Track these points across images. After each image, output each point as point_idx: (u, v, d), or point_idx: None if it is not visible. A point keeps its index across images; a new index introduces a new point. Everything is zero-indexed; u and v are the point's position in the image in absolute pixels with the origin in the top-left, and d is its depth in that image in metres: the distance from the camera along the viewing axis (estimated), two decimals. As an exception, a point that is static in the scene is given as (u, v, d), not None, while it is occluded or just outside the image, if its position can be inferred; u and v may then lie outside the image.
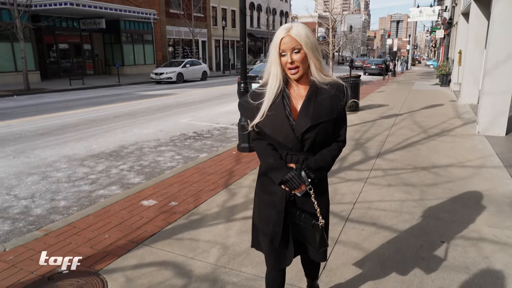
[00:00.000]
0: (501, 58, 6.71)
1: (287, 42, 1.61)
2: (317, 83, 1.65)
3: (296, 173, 1.66)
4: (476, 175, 4.84)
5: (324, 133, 1.67)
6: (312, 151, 1.71)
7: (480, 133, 7.17)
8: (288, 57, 1.61)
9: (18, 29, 15.78)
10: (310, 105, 1.64)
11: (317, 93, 1.65)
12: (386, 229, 3.36)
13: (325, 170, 1.74)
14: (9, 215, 3.95)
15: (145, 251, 3.00)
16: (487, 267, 2.76)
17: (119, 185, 4.85)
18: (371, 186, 4.44)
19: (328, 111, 1.64)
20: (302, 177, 1.66)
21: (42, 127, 8.54)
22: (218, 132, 8.17)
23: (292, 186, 1.68)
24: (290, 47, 1.60)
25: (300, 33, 1.60)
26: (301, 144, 1.67)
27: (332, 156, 1.73)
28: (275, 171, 1.70)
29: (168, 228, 3.41)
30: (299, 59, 1.61)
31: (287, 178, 1.66)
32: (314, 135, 1.65)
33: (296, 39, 1.60)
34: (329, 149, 1.73)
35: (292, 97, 1.70)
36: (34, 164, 5.76)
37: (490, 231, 3.30)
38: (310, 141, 1.66)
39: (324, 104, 1.64)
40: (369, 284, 2.56)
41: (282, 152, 1.73)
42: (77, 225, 3.47)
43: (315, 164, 1.68)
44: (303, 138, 1.65)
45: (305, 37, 1.60)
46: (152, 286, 2.55)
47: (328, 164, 1.73)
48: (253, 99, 1.72)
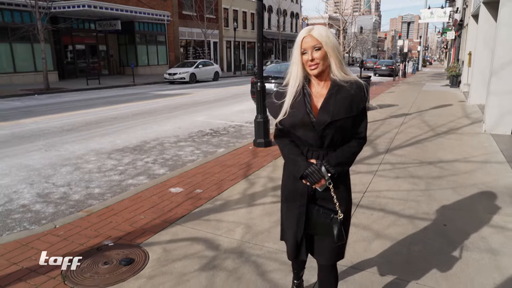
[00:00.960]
0: (507, 59, 6.97)
1: (308, 41, 1.69)
2: (338, 81, 1.72)
3: (316, 168, 1.72)
4: (479, 169, 5.13)
5: (344, 129, 1.73)
6: (333, 147, 1.77)
7: (487, 131, 7.43)
8: (308, 55, 1.69)
9: (39, 30, 16.41)
10: (330, 102, 1.71)
11: (337, 91, 1.71)
12: (393, 214, 3.69)
13: (345, 165, 1.78)
14: (51, 199, 4.38)
15: (178, 229, 3.39)
16: (484, 246, 3.08)
17: (146, 175, 5.26)
18: (380, 178, 4.77)
19: (347, 108, 1.70)
20: (322, 172, 1.72)
21: (67, 124, 9.03)
22: (233, 130, 8.56)
23: (312, 180, 1.74)
24: (311, 46, 1.68)
25: (321, 33, 1.68)
26: (321, 140, 1.74)
27: (352, 152, 1.78)
28: (296, 166, 1.77)
29: (196, 211, 3.80)
30: (319, 57, 1.68)
31: (307, 173, 1.73)
32: (333, 131, 1.71)
33: (317, 38, 1.68)
34: (349, 145, 1.78)
35: (313, 95, 1.77)
36: (65, 156, 6.21)
37: (489, 217, 3.62)
38: (329, 137, 1.73)
39: (344, 101, 1.70)
40: (377, 257, 2.90)
41: (303, 148, 1.80)
42: (114, 207, 3.88)
43: (335, 160, 1.74)
44: (323, 134, 1.72)
45: (326, 37, 1.68)
46: (186, 256, 2.93)
47: (348, 160, 1.78)
48: (276, 98, 1.82)
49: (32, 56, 20.52)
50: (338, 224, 1.73)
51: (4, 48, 19.30)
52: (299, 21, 53.06)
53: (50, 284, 2.57)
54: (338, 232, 1.74)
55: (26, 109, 11.59)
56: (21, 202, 4.29)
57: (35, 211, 4.06)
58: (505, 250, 3.01)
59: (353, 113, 1.71)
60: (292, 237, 1.89)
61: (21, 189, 4.71)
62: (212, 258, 2.90)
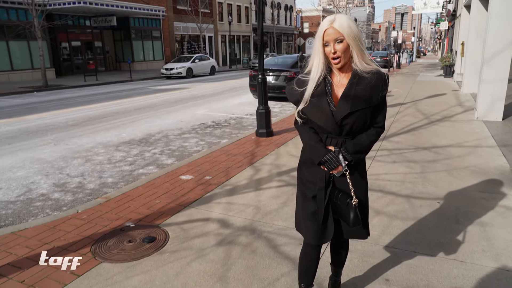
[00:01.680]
0: (497, 48, 7.25)
1: (330, 34, 1.70)
2: (359, 71, 1.75)
3: (334, 154, 1.79)
4: (472, 153, 5.43)
5: (362, 119, 1.77)
6: (351, 135, 1.81)
7: (479, 118, 7.73)
8: (331, 47, 1.71)
9: (36, 28, 16.48)
10: (351, 92, 1.74)
11: (358, 81, 1.74)
12: (391, 194, 3.98)
13: (362, 153, 1.83)
14: (68, 189, 4.63)
15: (192, 211, 3.66)
16: (474, 219, 3.37)
17: (155, 165, 5.51)
18: (378, 163, 5.05)
19: (367, 99, 1.73)
20: (339, 159, 1.78)
21: (71, 119, 9.23)
22: (234, 122, 8.81)
23: (330, 166, 1.80)
24: (333, 38, 1.70)
25: (342, 25, 1.69)
26: (340, 129, 1.78)
27: (370, 140, 1.82)
28: (315, 152, 1.84)
29: (207, 195, 4.06)
30: (341, 49, 1.70)
31: (325, 159, 1.80)
32: (353, 120, 1.76)
33: (339, 30, 1.69)
34: (368, 133, 1.82)
35: (334, 85, 1.81)
36: (75, 149, 6.43)
37: (480, 195, 3.91)
38: (348, 126, 1.77)
39: (364, 92, 1.73)
40: (378, 230, 3.18)
41: (322, 136, 1.85)
42: (130, 194, 4.13)
43: (353, 148, 1.79)
44: (342, 123, 1.76)
45: (348, 28, 1.69)
46: (203, 234, 3.20)
47: (366, 148, 1.82)
48: (298, 86, 1.85)
49: (29, 54, 20.59)
50: (353, 209, 1.78)
51: (1, 46, 19.33)
52: (293, 14, 53.10)
53: (82, 260, 2.83)
54: (354, 217, 1.78)
55: (28, 106, 11.75)
56: (40, 192, 4.53)
57: (54, 199, 4.30)
58: (493, 222, 3.30)
59: (373, 103, 1.75)
60: (312, 218, 1.94)
61: (37, 180, 4.94)
62: (227, 235, 3.17)
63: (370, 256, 2.81)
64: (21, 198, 4.34)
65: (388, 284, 2.48)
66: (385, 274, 2.59)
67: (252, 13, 42.29)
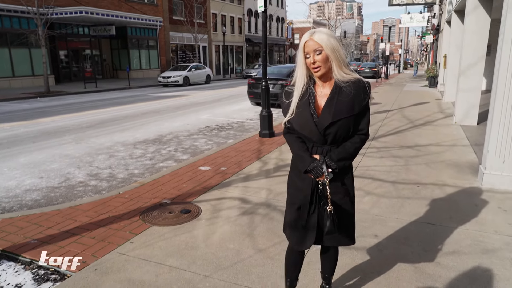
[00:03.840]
0: (471, 61, 8.21)
1: (310, 45, 1.80)
2: (338, 82, 1.84)
3: (319, 163, 1.85)
4: (448, 151, 6.30)
5: (345, 128, 1.84)
6: (335, 143, 1.88)
7: (457, 123, 8.66)
8: (311, 58, 1.81)
9: (40, 36, 17.11)
10: (332, 103, 1.82)
11: (340, 91, 1.82)
12: (379, 181, 4.78)
13: (347, 160, 1.89)
14: (101, 178, 5.33)
15: (216, 192, 4.41)
16: (446, 196, 4.19)
17: (172, 160, 6.24)
18: (368, 158, 5.88)
19: (349, 108, 1.80)
20: (323, 168, 1.85)
21: (84, 122, 9.89)
22: (236, 125, 9.58)
23: (315, 174, 1.87)
24: (313, 49, 1.79)
25: (321, 37, 1.78)
26: (324, 138, 1.86)
27: (354, 148, 1.88)
28: (301, 161, 1.91)
29: (225, 181, 4.81)
30: (320, 60, 1.79)
31: (311, 168, 1.86)
32: (335, 130, 1.83)
33: (318, 42, 1.78)
34: (352, 141, 1.88)
35: (317, 96, 1.89)
36: (96, 147, 7.12)
37: (452, 181, 4.75)
38: (332, 135, 1.84)
39: (345, 101, 1.80)
40: (369, 205, 3.97)
41: (309, 145, 1.93)
42: (159, 180, 4.86)
43: (337, 156, 1.86)
44: (325, 132, 1.84)
45: (326, 40, 1.78)
46: (229, 208, 3.95)
47: (350, 156, 1.88)
48: (285, 98, 1.95)
49: (30, 61, 21.11)
50: (328, 216, 1.86)
51: (3, 53, 19.86)
52: (285, 25, 54.48)
53: (134, 224, 3.55)
54: (330, 224, 1.86)
55: (37, 110, 12.35)
56: (78, 180, 5.22)
57: (93, 185, 5.00)
58: (460, 198, 4.13)
59: (355, 111, 1.82)
60: (295, 225, 2.02)
61: (72, 171, 5.63)
62: (248, 208, 3.92)
63: (363, 221, 3.59)
64: (63, 185, 5.03)
65: (376, 238, 3.27)
66: (374, 232, 3.37)
67: (245, 24, 43.42)
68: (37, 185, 5.02)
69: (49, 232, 3.40)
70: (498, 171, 4.44)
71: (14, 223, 3.60)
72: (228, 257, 2.96)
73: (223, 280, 2.66)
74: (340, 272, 2.72)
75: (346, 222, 2.00)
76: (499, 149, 4.40)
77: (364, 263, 2.87)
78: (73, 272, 2.79)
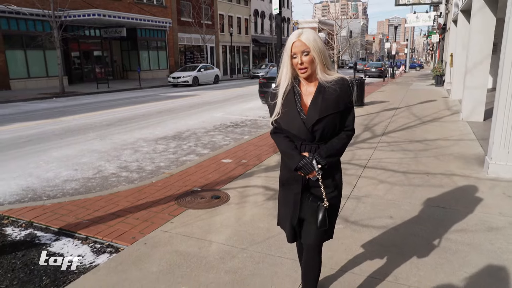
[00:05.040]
0: (477, 59, 8.51)
1: (297, 46, 1.84)
2: (322, 82, 1.89)
3: (309, 160, 1.88)
4: (455, 144, 6.62)
5: (332, 124, 1.89)
6: (323, 140, 1.92)
7: (464, 119, 8.96)
8: (298, 59, 1.85)
9: (56, 38, 17.63)
10: (318, 100, 1.87)
11: (324, 90, 1.87)
12: (391, 171, 5.13)
13: (335, 156, 1.94)
14: (131, 169, 5.73)
15: (240, 181, 4.78)
16: (454, 186, 4.53)
17: (194, 154, 6.63)
18: (379, 151, 6.22)
19: (334, 104, 1.86)
20: (313, 164, 1.87)
21: (103, 120, 10.33)
22: (250, 123, 9.96)
23: (305, 171, 1.90)
24: (300, 50, 1.84)
25: (309, 38, 1.83)
26: (312, 135, 1.90)
27: (342, 144, 1.94)
28: (291, 159, 1.93)
29: (247, 172, 5.19)
30: (307, 61, 1.84)
31: (300, 165, 1.89)
32: (323, 126, 1.88)
33: (306, 43, 1.83)
34: (339, 137, 1.94)
35: (303, 95, 1.94)
36: (120, 143, 7.53)
37: (459, 171, 5.09)
38: (319, 132, 1.89)
39: (330, 99, 1.86)
40: (383, 191, 4.33)
41: (297, 143, 1.95)
42: (187, 171, 5.25)
43: (326, 152, 1.89)
44: (313, 129, 1.88)
45: (313, 42, 1.83)
46: (254, 194, 4.32)
47: (338, 152, 1.93)
48: (271, 98, 1.99)
49: (44, 62, 21.67)
50: (323, 211, 1.90)
51: (19, 55, 20.43)
52: (290, 26, 54.84)
53: (171, 208, 3.94)
54: (322, 218, 1.90)
55: (56, 109, 12.82)
56: (110, 172, 5.63)
57: (124, 176, 5.41)
58: (465, 186, 4.47)
59: (340, 108, 1.88)
60: (288, 222, 2.09)
61: (102, 164, 6.04)
62: (272, 194, 4.29)
63: (378, 205, 3.95)
64: (97, 176, 5.44)
65: (391, 219, 3.62)
66: (389, 214, 3.73)
67: (251, 25, 43.83)
68: (73, 176, 5.43)
69: (96, 214, 3.80)
70: (503, 161, 4.77)
71: (63, 207, 4.00)
72: (260, 234, 3.34)
73: (258, 252, 3.03)
74: (358, 245, 3.09)
75: (332, 217, 2.04)
76: (504, 141, 4.74)
77: (381, 239, 3.23)
78: (126, 245, 3.18)
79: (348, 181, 4.65)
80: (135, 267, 2.84)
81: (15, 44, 20.18)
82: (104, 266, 2.88)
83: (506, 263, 2.84)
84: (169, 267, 2.83)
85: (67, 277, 2.76)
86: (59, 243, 3.28)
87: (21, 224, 3.63)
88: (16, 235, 3.42)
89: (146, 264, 2.88)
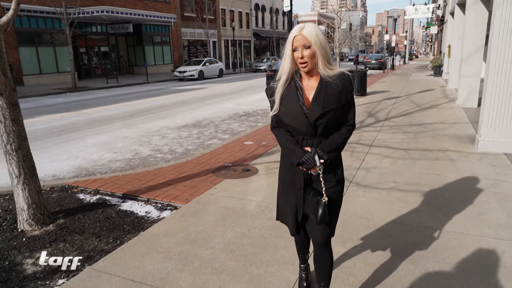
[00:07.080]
0: (472, 50, 9.23)
1: (299, 40, 1.82)
2: (323, 76, 1.88)
3: (311, 155, 1.87)
4: (451, 127, 7.38)
5: (335, 118, 1.89)
6: (325, 135, 1.92)
7: (459, 106, 9.70)
8: (299, 53, 1.84)
9: (67, 35, 18.31)
10: (321, 94, 1.86)
11: (326, 84, 1.86)
12: (393, 149, 5.89)
13: (337, 150, 1.93)
14: (164, 152, 6.49)
15: (264, 158, 5.54)
16: (448, 159, 5.29)
17: (217, 139, 7.38)
18: (382, 133, 6.98)
19: (336, 99, 1.86)
20: (315, 159, 1.87)
21: (124, 112, 11.07)
22: (261, 112, 10.71)
23: (308, 166, 1.89)
24: (301, 44, 1.82)
25: (311, 33, 1.82)
26: (314, 130, 1.89)
27: (343, 138, 1.93)
28: (293, 154, 1.92)
29: (269, 151, 5.95)
30: (308, 55, 1.82)
31: (303, 160, 1.88)
32: (326, 121, 1.87)
33: (307, 37, 1.81)
34: (340, 132, 1.94)
35: (304, 89, 1.92)
36: (146, 131, 8.28)
37: (453, 147, 5.85)
38: (322, 126, 1.88)
39: (333, 93, 1.85)
40: (388, 164, 5.09)
41: (298, 138, 1.95)
42: (215, 152, 6.01)
43: (328, 147, 1.89)
44: (316, 124, 1.87)
45: (315, 36, 1.81)
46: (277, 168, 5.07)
47: (339, 146, 1.93)
48: (270, 94, 1.98)
49: (55, 59, 22.35)
50: (322, 206, 1.87)
51: (32, 52, 21.10)
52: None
53: (211, 178, 4.70)
54: (322, 214, 1.87)
55: (74, 103, 13.55)
56: (146, 154, 6.39)
57: (160, 157, 6.17)
58: (458, 159, 5.24)
59: (342, 103, 1.88)
60: (293, 218, 2.09)
61: (137, 148, 6.79)
62: (293, 168, 5.05)
63: (384, 174, 4.72)
64: (136, 157, 6.20)
65: (395, 183, 4.39)
66: (393, 180, 4.50)
67: (252, 19, 44.36)
68: (115, 157, 6.20)
69: (150, 183, 4.57)
70: (490, 138, 5.53)
71: (119, 179, 4.77)
72: (289, 195, 4.10)
73: (290, 206, 3.80)
74: (369, 200, 3.86)
75: (334, 212, 2.02)
76: (491, 120, 5.49)
77: (388, 195, 4.00)
78: (182, 204, 3.94)
79: (357, 157, 5.42)
80: (194, 218, 3.61)
81: (27, 41, 20.83)
82: (170, 217, 3.65)
83: (485, 209, 3.61)
84: (222, 217, 3.60)
85: (143, 225, 3.53)
86: (126, 204, 4.04)
87: (89, 192, 4.40)
88: (89, 199, 4.19)
89: (203, 215, 3.65)
